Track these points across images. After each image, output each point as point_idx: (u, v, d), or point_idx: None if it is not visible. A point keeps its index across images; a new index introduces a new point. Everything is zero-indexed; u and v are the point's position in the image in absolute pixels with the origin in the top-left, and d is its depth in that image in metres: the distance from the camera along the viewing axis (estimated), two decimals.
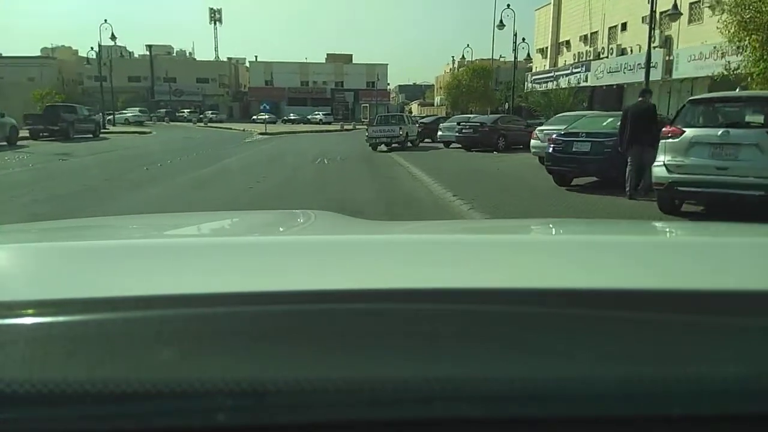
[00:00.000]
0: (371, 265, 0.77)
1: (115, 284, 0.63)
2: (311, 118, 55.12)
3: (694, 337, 0.52)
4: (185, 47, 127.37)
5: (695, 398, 0.46)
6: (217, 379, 0.44)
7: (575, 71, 31.03)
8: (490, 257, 0.82)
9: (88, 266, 0.74)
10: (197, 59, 77.11)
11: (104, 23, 36.47)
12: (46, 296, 0.56)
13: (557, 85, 29.70)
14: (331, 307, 0.54)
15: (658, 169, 6.58)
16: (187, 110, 58.16)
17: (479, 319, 0.53)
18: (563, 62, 35.09)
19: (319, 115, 55.80)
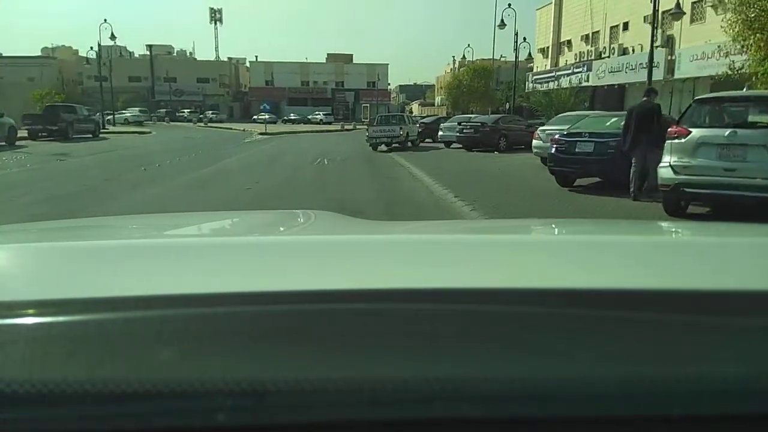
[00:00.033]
0: (371, 265, 0.77)
1: (115, 284, 0.63)
2: (312, 118, 55.19)
3: (694, 337, 0.52)
4: (186, 47, 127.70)
5: (695, 398, 0.46)
6: (217, 379, 0.44)
7: (576, 71, 30.94)
8: (490, 257, 0.82)
9: (88, 266, 0.74)
10: (198, 59, 77.23)
11: (104, 23, 36.41)
12: (46, 296, 0.56)
13: (559, 85, 29.60)
14: (331, 307, 0.54)
15: (663, 170, 6.45)
16: (187, 110, 58.19)
17: (479, 319, 0.53)
18: (564, 62, 34.98)
19: (319, 115, 55.83)
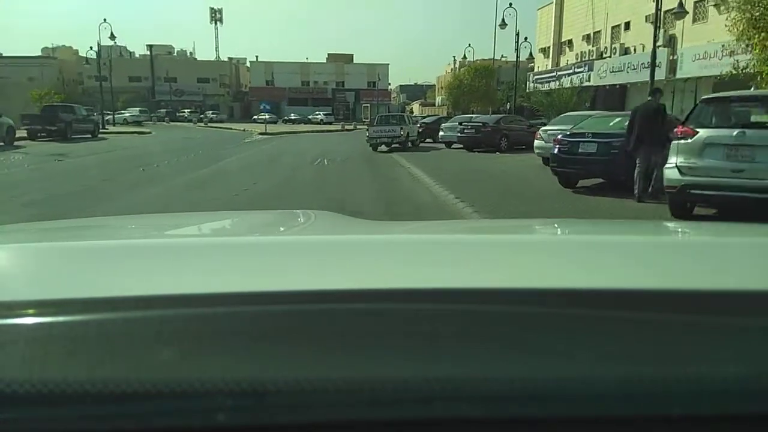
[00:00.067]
0: (371, 265, 0.76)
1: (115, 284, 0.63)
2: (312, 118, 55.11)
3: (694, 337, 0.52)
4: (186, 47, 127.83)
5: (695, 398, 0.46)
6: (217, 379, 0.44)
7: (578, 71, 30.80)
8: (490, 257, 0.81)
9: (88, 266, 0.73)
10: (198, 59, 77.16)
11: (103, 23, 36.27)
12: (46, 296, 0.56)
13: (560, 84, 29.45)
14: (331, 307, 0.54)
15: (670, 171, 6.31)
16: (187, 110, 58.08)
17: (479, 319, 0.53)
18: (566, 62, 34.83)
19: (319, 115, 55.73)
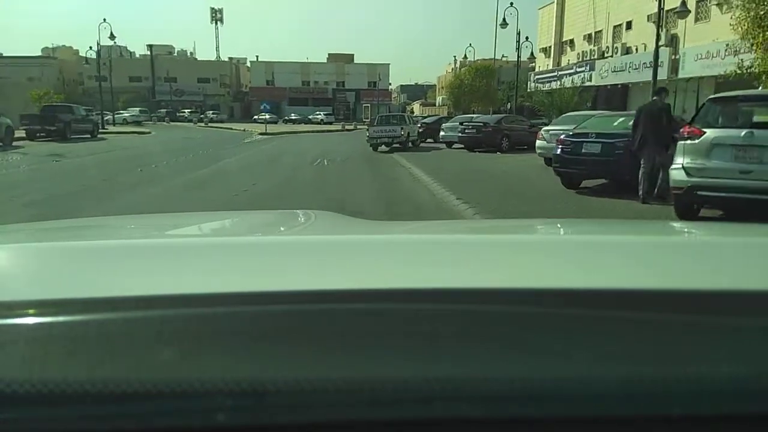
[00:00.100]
0: (371, 265, 0.76)
1: (115, 284, 0.63)
2: (312, 118, 54.99)
3: (694, 337, 0.52)
4: (186, 47, 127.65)
5: (695, 398, 0.46)
6: (217, 379, 0.44)
7: (579, 70, 30.66)
8: (490, 257, 0.81)
9: (88, 266, 0.73)
10: (198, 59, 77.09)
11: (103, 23, 36.13)
12: (46, 296, 0.56)
13: (561, 84, 29.29)
14: (331, 307, 0.54)
15: (676, 172, 6.18)
16: (188, 110, 57.96)
17: (479, 319, 0.53)
18: (567, 61, 34.70)
19: (320, 115, 55.60)
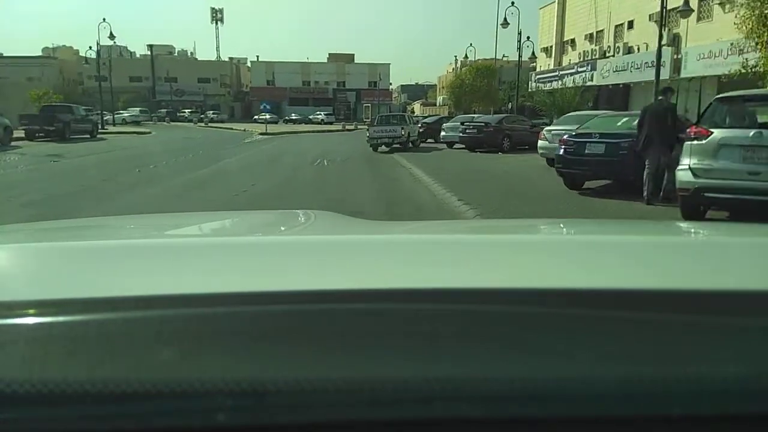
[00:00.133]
0: (371, 265, 0.76)
1: (115, 284, 0.63)
2: (313, 118, 54.86)
3: (694, 337, 0.52)
4: (187, 47, 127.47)
5: (695, 398, 0.46)
6: (217, 379, 0.44)
7: (581, 70, 30.50)
8: (490, 257, 0.81)
9: (88, 266, 0.73)
10: (199, 59, 76.96)
11: (102, 22, 36.02)
12: (46, 296, 0.56)
13: (563, 84, 29.13)
14: (331, 307, 0.54)
15: (683, 173, 6.04)
16: (188, 110, 57.84)
17: (479, 319, 0.53)
18: (568, 61, 34.54)
19: (320, 115, 55.46)
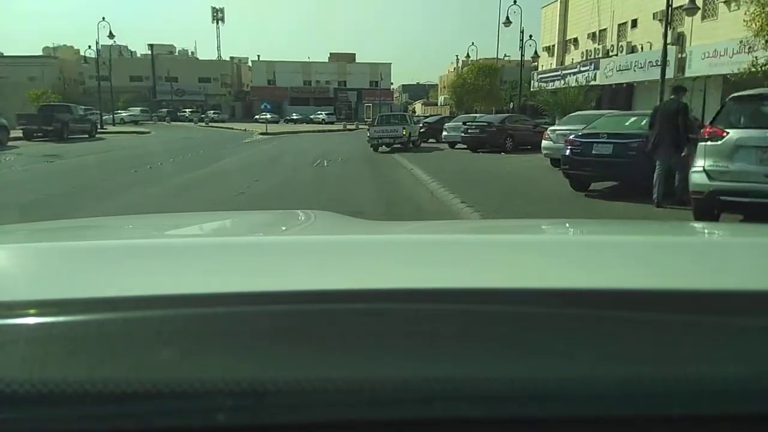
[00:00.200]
0: (371, 265, 0.76)
1: (115, 284, 0.63)
2: (314, 117, 54.68)
3: (694, 337, 0.52)
4: (187, 47, 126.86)
5: (695, 398, 0.46)
6: (217, 379, 0.43)
7: (583, 69, 30.22)
8: (490, 257, 0.81)
9: (88, 266, 0.73)
10: (199, 59, 76.73)
11: (102, 21, 35.77)
12: (46, 296, 0.56)
13: (566, 83, 28.84)
14: (331, 307, 0.54)
15: (697, 175, 5.78)
16: (188, 110, 57.70)
17: (479, 319, 0.53)
18: (570, 60, 34.25)
19: (321, 114, 55.27)
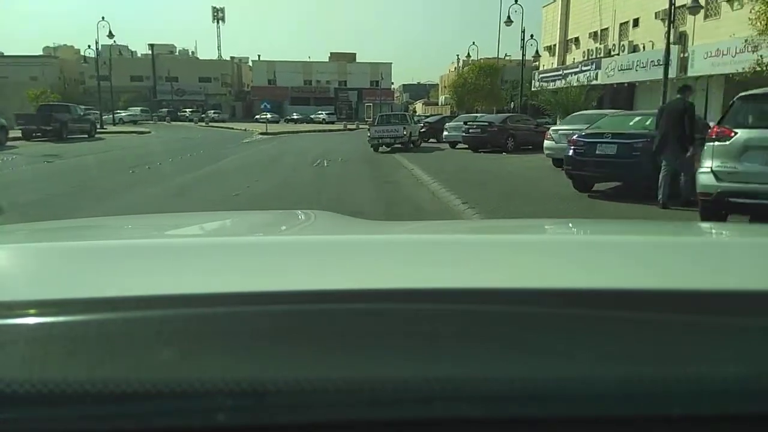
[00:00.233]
0: (371, 265, 0.76)
1: (115, 284, 0.63)
2: (314, 117, 54.57)
3: (694, 337, 0.52)
4: (188, 46, 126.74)
5: (695, 398, 0.46)
6: (217, 379, 0.43)
7: (585, 69, 30.09)
8: (490, 257, 0.81)
9: (88, 266, 0.73)
10: (200, 58, 76.63)
11: (102, 21, 35.64)
12: (46, 296, 0.56)
13: (567, 83, 28.71)
14: (331, 307, 0.54)
15: (704, 176, 5.65)
16: (189, 110, 57.62)
17: (479, 319, 0.53)
18: (572, 60, 34.12)
19: (322, 114, 55.16)
